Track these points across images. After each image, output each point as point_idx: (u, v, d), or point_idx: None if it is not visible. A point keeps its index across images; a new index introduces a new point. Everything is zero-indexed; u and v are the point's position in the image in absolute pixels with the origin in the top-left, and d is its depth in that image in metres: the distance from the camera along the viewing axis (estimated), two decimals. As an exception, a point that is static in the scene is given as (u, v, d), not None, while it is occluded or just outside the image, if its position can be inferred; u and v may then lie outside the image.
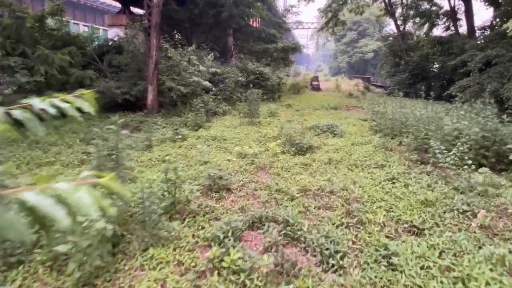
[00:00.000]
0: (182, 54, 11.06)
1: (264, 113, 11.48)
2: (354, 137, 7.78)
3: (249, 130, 8.79)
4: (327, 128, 8.50)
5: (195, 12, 18.31)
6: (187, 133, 8.16)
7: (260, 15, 21.49)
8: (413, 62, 20.64)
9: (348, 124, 9.72)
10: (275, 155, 6.19)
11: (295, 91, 22.09)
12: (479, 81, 10.40)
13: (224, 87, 13.22)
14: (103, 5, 46.74)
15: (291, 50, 20.69)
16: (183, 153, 6.58)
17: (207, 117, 10.19)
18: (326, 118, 10.99)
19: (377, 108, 8.90)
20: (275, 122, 10.11)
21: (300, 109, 13.53)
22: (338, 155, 6.10)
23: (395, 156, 6.01)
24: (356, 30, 51.37)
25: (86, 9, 45.84)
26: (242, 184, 4.69)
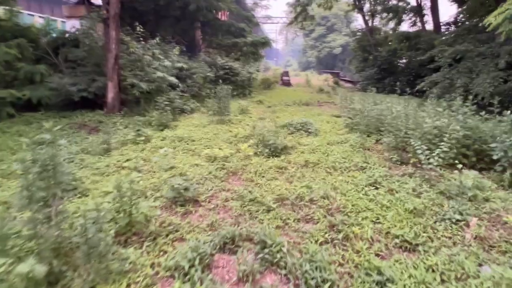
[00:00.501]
0: (146, 48, 10.27)
1: (234, 110, 10.94)
2: (329, 136, 7.44)
3: (219, 129, 8.24)
4: (301, 126, 8.11)
5: (161, 4, 17.34)
6: (151, 134, 7.49)
7: (229, 8, 20.80)
8: (382, 57, 20.83)
9: (322, 121, 9.40)
10: (247, 158, 5.70)
11: (265, 87, 21.66)
12: (449, 76, 10.41)
13: (192, 83, 12.55)
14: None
15: (261, 44, 20.21)
16: (146, 157, 5.95)
17: (173, 115, 9.52)
18: (299, 114, 10.63)
19: (352, 105, 8.60)
20: (247, 120, 9.62)
21: (272, 106, 13.11)
22: (315, 156, 5.70)
23: (374, 157, 5.70)
24: (325, 25, 51.71)
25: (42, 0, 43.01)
26: (212, 194, 4.16)
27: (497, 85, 9.24)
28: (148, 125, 8.61)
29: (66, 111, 9.92)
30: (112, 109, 9.50)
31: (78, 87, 9.62)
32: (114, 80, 9.31)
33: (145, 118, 8.98)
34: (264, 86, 21.64)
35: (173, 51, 11.11)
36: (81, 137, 7.46)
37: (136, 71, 10.29)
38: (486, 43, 10.96)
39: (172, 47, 11.94)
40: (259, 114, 11.03)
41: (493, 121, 5.38)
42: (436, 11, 17.93)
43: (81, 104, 10.20)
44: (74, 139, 7.22)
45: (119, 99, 9.74)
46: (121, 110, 9.76)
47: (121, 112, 9.69)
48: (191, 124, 8.87)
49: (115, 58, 9.18)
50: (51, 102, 9.69)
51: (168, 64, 9.79)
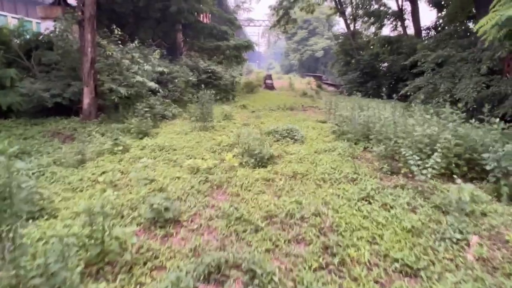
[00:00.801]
0: (124, 51, 9.83)
1: (218, 116, 10.63)
2: (316, 143, 7.24)
3: (201, 137, 7.91)
4: (287, 133, 7.88)
5: (140, 5, 16.85)
6: (129, 143, 7.10)
7: (211, 11, 20.49)
8: (364, 61, 20.92)
9: (308, 127, 9.20)
10: (232, 169, 5.41)
11: (249, 90, 21.43)
12: (432, 81, 10.44)
13: (174, 87, 12.16)
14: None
15: (244, 48, 19.98)
16: (124, 169, 5.57)
17: (154, 122, 9.13)
18: (284, 120, 10.42)
19: (339, 112, 8.43)
20: (231, 127, 9.33)
21: (256, 110, 12.86)
22: (303, 166, 5.46)
23: (363, 166, 5.51)
24: (307, 29, 52.04)
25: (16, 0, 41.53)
26: (195, 212, 3.84)
27: (480, 90, 9.29)
28: (127, 132, 8.19)
29: (39, 118, 9.37)
30: (89, 116, 9.02)
31: (51, 93, 9.10)
32: (90, 85, 8.84)
33: (123, 125, 8.56)
34: (248, 90, 21.41)
35: (153, 54, 10.67)
36: (54, 147, 6.97)
37: (115, 76, 9.83)
38: (468, 48, 11.07)
39: (152, 51, 11.50)
40: (243, 119, 10.75)
41: (483, 129, 5.28)
42: (417, 16, 18.16)
43: (55, 110, 9.67)
44: (46, 149, 6.74)
45: (96, 105, 9.26)
46: (98, 117, 9.29)
47: (98, 119, 9.22)
48: (173, 132, 8.51)
49: (91, 62, 8.71)
50: (23, 109, 9.13)
51: (148, 68, 9.38)
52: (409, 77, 17.48)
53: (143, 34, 17.20)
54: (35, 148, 6.73)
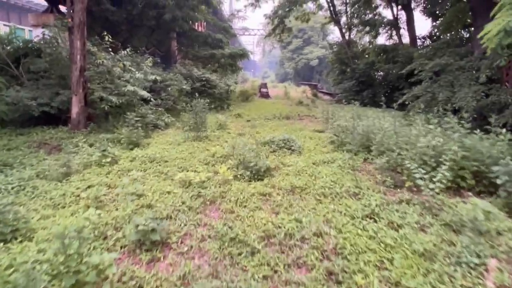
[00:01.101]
0: (116, 59, 9.54)
1: (212, 125, 10.35)
2: (314, 154, 6.95)
3: (195, 147, 7.60)
4: (284, 143, 7.60)
5: (134, 13, 16.64)
6: (119, 154, 6.77)
7: (206, 19, 20.36)
8: (360, 70, 20.84)
9: (305, 137, 8.92)
10: (227, 183, 5.09)
11: (244, 99, 21.19)
12: (430, 90, 10.26)
13: (167, 96, 11.87)
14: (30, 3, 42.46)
15: (239, 56, 19.81)
16: (111, 182, 5.23)
17: (146, 132, 8.80)
18: (280, 130, 10.15)
19: (338, 122, 8.17)
20: (225, 137, 9.03)
21: (251, 120, 12.59)
22: (302, 179, 5.16)
23: (365, 179, 5.23)
24: (301, 38, 52.21)
25: (9, 8, 41.25)
26: (185, 232, 3.52)
27: (480, 99, 9.12)
28: (116, 143, 7.86)
29: (26, 127, 9.04)
30: (77, 126, 8.68)
31: (39, 101, 8.78)
32: (79, 94, 8.53)
33: (113, 135, 8.23)
34: (243, 99, 21.17)
35: (145, 62, 10.38)
36: (39, 158, 6.63)
37: (106, 84, 9.54)
38: (465, 57, 10.94)
39: (145, 58, 11.22)
40: (238, 129, 10.47)
41: (490, 140, 5.05)
42: (412, 25, 18.14)
43: (43, 120, 9.36)
44: (29, 161, 6.39)
45: (85, 115, 8.93)
46: (87, 127, 8.95)
47: (87, 128, 8.88)
48: (165, 142, 8.19)
49: (80, 70, 8.41)
50: (8, 118, 8.80)
51: (139, 76, 9.08)
52: (405, 86, 17.40)
53: (137, 42, 16.99)
54: (18, 160, 6.38)
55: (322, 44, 49.93)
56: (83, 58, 8.46)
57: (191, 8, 17.66)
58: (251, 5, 26.16)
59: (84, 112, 8.83)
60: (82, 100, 8.68)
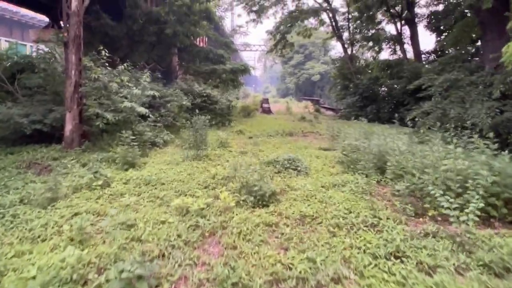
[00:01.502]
0: (112, 74, 9.17)
1: (213, 143, 9.90)
2: (322, 176, 6.46)
3: (194, 168, 7.12)
4: (289, 163, 7.11)
5: (134, 28, 16.43)
6: (112, 176, 6.29)
7: (207, 34, 20.20)
8: (363, 85, 20.55)
9: (311, 156, 8.45)
10: (228, 210, 4.60)
11: (245, 115, 20.83)
12: (441, 106, 9.83)
13: (166, 112, 11.47)
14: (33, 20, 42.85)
15: (241, 71, 19.54)
16: (101, 209, 4.73)
17: (143, 150, 8.35)
18: (284, 148, 9.69)
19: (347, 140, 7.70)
20: (226, 156, 8.55)
21: (254, 136, 12.15)
22: (311, 206, 4.66)
23: (382, 205, 4.71)
24: (303, 53, 52.45)
25: (12, 24, 41.61)
26: (179, 276, 3.00)
27: (494, 115, 8.67)
28: (111, 163, 7.40)
29: (17, 146, 8.59)
30: (71, 144, 8.23)
31: (31, 119, 8.34)
32: (74, 110, 8.11)
33: (108, 154, 7.77)
34: (244, 114, 20.82)
35: (143, 77, 9.98)
36: (26, 180, 6.13)
37: (103, 100, 9.15)
38: (475, 72, 10.56)
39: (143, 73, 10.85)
40: (240, 147, 10.01)
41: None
42: (416, 40, 17.92)
43: (36, 137, 8.91)
44: (15, 184, 5.90)
45: (79, 132, 8.49)
46: (82, 145, 8.50)
47: (81, 147, 8.42)
48: (163, 161, 7.71)
49: (75, 85, 8.02)
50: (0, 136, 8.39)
51: (137, 92, 8.68)
52: (411, 102, 17.06)
53: (138, 58, 16.76)
54: (3, 183, 5.90)
55: (324, 59, 50.12)
56: (78, 73, 8.08)
57: (192, 23, 17.49)
58: (253, 20, 26.15)
59: (78, 130, 8.39)
60: (77, 117, 8.25)
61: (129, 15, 16.33)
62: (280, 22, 25.36)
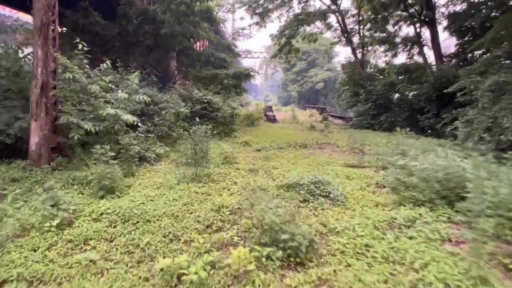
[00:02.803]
0: (94, 74, 7.49)
1: (215, 157, 8.25)
2: (367, 208, 4.75)
3: (192, 194, 5.41)
4: (316, 187, 5.42)
5: (129, 29, 14.85)
6: (80, 208, 4.59)
7: (208, 37, 18.61)
8: (377, 92, 18.97)
9: (338, 175, 6.75)
10: (245, 275, 2.90)
11: (249, 123, 19.20)
12: (490, 114, 8.14)
13: (160, 120, 9.80)
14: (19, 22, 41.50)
15: (244, 76, 17.89)
16: (46, 273, 3.03)
17: (128, 167, 6.68)
18: (301, 164, 8.01)
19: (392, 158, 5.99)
20: (233, 175, 6.85)
21: (262, 149, 10.46)
22: (376, 272, 2.94)
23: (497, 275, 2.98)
24: (306, 60, 51.02)
25: (3, 29, 40.16)
26: None
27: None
28: (84, 187, 5.71)
29: (-28, 161, 6.92)
30: (38, 160, 6.54)
31: (-12, 128, 6.69)
32: (41, 119, 6.45)
33: (82, 174, 6.08)
34: (248, 123, 19.19)
35: (131, 77, 8.28)
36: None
37: (83, 106, 7.50)
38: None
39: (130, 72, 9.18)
40: (248, 162, 8.33)
41: None
42: (437, 42, 16.38)
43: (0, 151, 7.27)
44: None
45: (50, 145, 6.82)
46: (52, 161, 6.82)
47: (52, 163, 6.74)
48: (152, 184, 6.01)
49: (42, 87, 6.36)
50: None
51: (123, 96, 6.99)
52: (431, 109, 15.48)
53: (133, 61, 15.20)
54: None
55: (327, 66, 48.68)
56: (45, 72, 6.43)
57: (192, 24, 15.91)
58: (256, 24, 24.68)
59: (47, 143, 6.71)
60: (45, 127, 6.59)
61: (123, 14, 14.76)
62: (285, 25, 23.86)
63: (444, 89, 13.29)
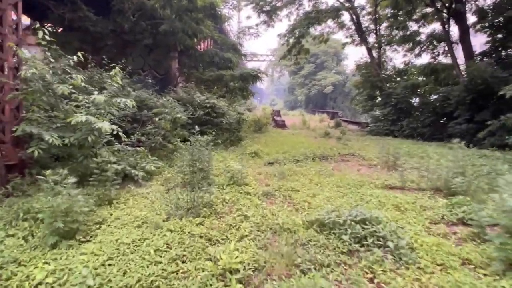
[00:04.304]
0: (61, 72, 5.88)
1: (219, 175, 6.65)
2: (456, 273, 3.04)
3: (185, 241, 3.73)
4: (362, 228, 3.75)
5: (125, 26, 13.32)
6: (11, 272, 2.96)
7: (212, 36, 17.04)
8: (397, 95, 17.24)
9: (387, 206, 5.03)
10: None
11: (256, 129, 17.58)
12: None
13: (153, 129, 8.18)
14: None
15: (252, 78, 16.24)
16: None
17: (104, 192, 5.05)
18: (329, 185, 6.32)
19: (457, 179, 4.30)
20: (242, 203, 5.16)
21: (275, 162, 8.79)
22: None
23: None
24: (314, 63, 49.31)
25: None
26: None
27: None
28: (38, 225, 4.08)
29: None
30: (-15, 184, 4.94)
31: None
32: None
33: (41, 204, 4.45)
34: (255, 129, 17.57)
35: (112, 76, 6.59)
36: None
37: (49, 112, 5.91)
38: None
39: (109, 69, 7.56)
40: (260, 181, 6.67)
41: None
42: (467, 39, 14.64)
43: None
44: None
45: (4, 163, 5.23)
46: (7, 183, 5.22)
47: (6, 187, 5.15)
48: (133, 219, 4.35)
49: None
50: None
51: (98, 99, 5.34)
52: (462, 114, 13.75)
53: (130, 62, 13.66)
54: None
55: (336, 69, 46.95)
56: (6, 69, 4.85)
57: (195, 21, 14.34)
58: (264, 23, 23.08)
59: (3, 159, 5.12)
60: (3, 138, 4.99)
61: (118, 9, 13.23)
62: (295, 24, 22.26)
63: (479, 91, 11.57)
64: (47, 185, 3.86)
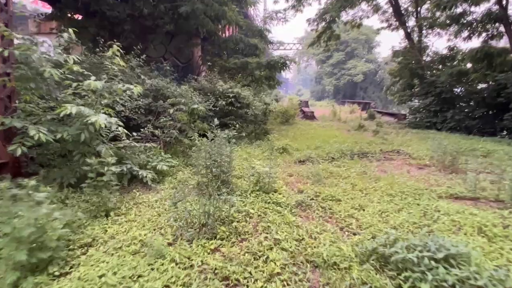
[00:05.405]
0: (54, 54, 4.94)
1: (243, 177, 5.55)
2: None
3: (194, 280, 2.69)
4: (447, 270, 2.56)
5: (144, 10, 12.38)
6: None
7: (236, 22, 15.85)
8: (441, 83, 15.45)
9: (465, 228, 3.78)
10: None
11: (283, 121, 16.40)
12: None
13: (167, 122, 7.18)
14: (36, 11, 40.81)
15: (280, 66, 14.96)
16: None
17: (102, 200, 4.10)
18: (377, 193, 5.09)
19: None
20: (271, 219, 4.02)
21: (306, 160, 7.61)
22: None
23: None
24: (344, 51, 47.02)
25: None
26: None
27: None
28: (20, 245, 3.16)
29: None
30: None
31: None
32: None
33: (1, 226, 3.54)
34: (282, 120, 16.38)
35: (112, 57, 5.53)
36: None
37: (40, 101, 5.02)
38: None
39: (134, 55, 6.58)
40: (291, 185, 5.54)
41: None
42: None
43: None
44: None
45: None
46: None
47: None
48: (129, 241, 3.35)
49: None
50: None
51: (94, 85, 4.32)
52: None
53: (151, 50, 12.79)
54: None
55: (367, 57, 44.54)
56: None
57: (218, 2, 13.21)
58: (292, 7, 21.57)
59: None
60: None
61: (136, -8, 12.29)
62: (326, 7, 20.64)
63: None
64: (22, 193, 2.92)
